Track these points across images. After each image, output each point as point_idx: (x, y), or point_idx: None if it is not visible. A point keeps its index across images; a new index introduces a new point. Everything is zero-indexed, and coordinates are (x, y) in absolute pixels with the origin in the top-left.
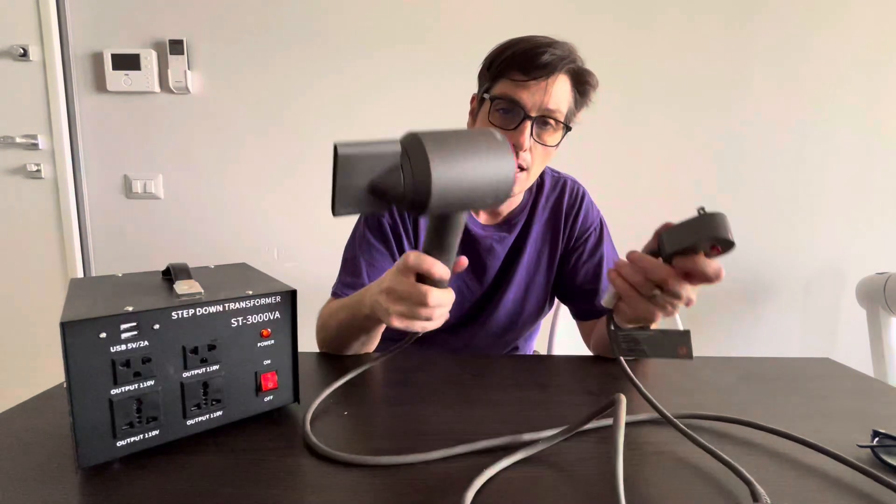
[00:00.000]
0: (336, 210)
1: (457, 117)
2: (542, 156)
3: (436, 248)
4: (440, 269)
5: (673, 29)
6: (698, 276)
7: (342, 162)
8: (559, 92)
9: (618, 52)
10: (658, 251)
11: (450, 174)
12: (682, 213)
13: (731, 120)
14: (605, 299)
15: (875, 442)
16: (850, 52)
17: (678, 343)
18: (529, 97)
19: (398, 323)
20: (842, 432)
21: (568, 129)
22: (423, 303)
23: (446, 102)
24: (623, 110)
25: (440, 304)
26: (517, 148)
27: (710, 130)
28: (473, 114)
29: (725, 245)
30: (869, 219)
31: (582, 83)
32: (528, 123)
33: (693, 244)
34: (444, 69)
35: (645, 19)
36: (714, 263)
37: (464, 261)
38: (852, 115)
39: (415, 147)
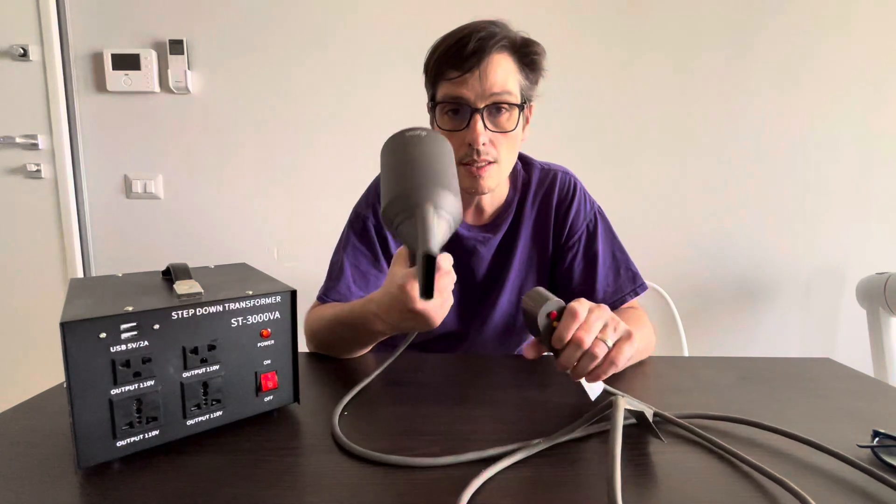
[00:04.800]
0: (428, 295)
1: None
2: (508, 144)
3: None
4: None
5: (673, 29)
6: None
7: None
8: (500, 73)
9: (619, 53)
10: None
11: (447, 193)
12: (681, 213)
13: (732, 120)
14: (591, 395)
15: (875, 442)
16: (850, 53)
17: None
18: (469, 90)
19: (440, 320)
20: (842, 432)
21: (521, 108)
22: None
23: None
24: (624, 111)
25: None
26: (474, 144)
27: (711, 131)
28: (432, 124)
29: (556, 306)
30: (869, 219)
31: (526, 55)
32: (478, 117)
33: (537, 326)
34: None
35: (647, 21)
36: (572, 319)
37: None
38: (853, 114)
39: (440, 196)
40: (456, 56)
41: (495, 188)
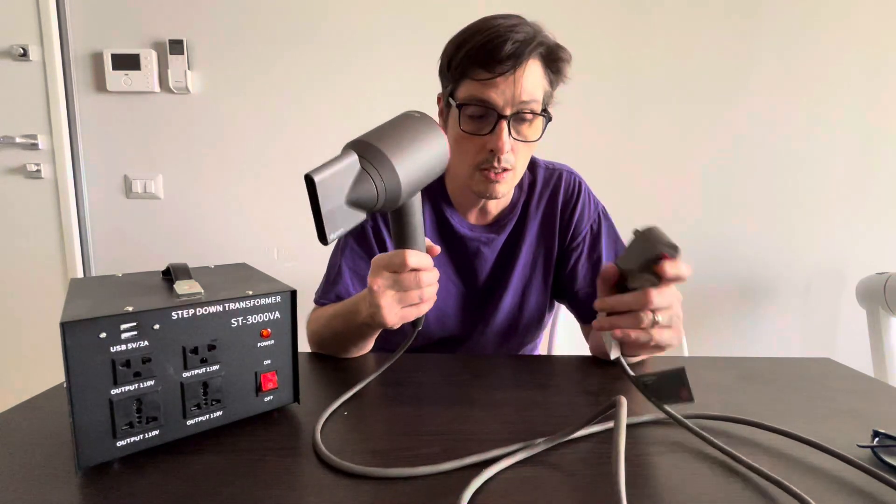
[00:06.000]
0: (328, 237)
1: None
2: (524, 150)
3: (409, 234)
4: (428, 261)
5: (673, 29)
6: (670, 281)
7: (321, 188)
8: (531, 80)
9: (617, 51)
10: (621, 281)
11: (409, 166)
12: (679, 212)
13: (731, 119)
14: (612, 353)
15: (875, 442)
16: (850, 52)
17: (677, 386)
18: (499, 95)
19: (392, 316)
20: (842, 432)
21: (549, 117)
22: (417, 286)
23: None
24: (623, 110)
25: (430, 283)
26: (497, 152)
27: (710, 130)
28: (443, 115)
29: (672, 250)
30: (869, 219)
31: (554, 61)
32: (504, 124)
33: (648, 258)
34: None
35: (645, 18)
36: (679, 264)
37: (436, 249)
38: (852, 114)
39: (372, 153)
40: (490, 57)
41: (507, 194)
